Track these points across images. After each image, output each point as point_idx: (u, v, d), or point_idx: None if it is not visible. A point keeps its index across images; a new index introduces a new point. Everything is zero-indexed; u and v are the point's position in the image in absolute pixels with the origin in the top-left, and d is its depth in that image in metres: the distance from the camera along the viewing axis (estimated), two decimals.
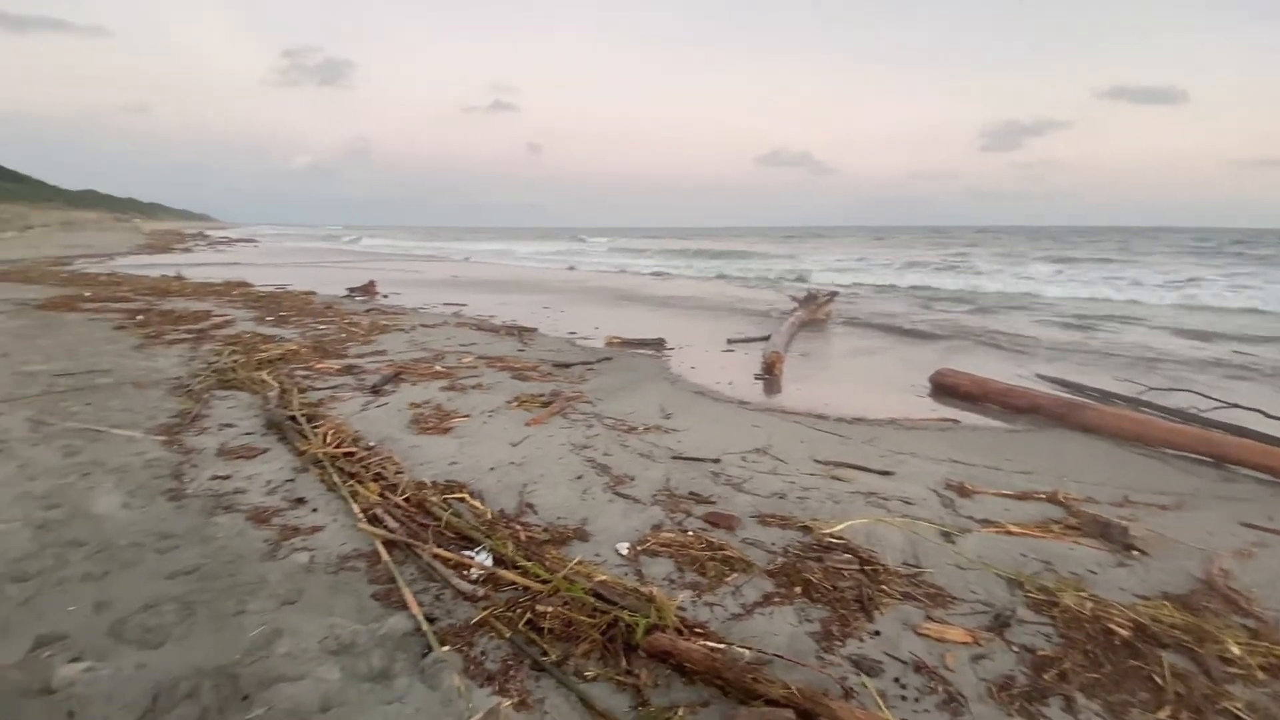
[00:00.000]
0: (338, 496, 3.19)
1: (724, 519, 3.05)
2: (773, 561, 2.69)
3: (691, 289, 17.21)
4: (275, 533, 2.82)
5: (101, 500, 3.06)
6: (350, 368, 6.11)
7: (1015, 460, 4.25)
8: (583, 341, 8.49)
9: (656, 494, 3.40)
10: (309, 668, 1.94)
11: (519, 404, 5.08)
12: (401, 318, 9.71)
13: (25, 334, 7.26)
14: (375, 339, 7.72)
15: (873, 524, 3.03)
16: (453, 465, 3.74)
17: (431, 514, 3.01)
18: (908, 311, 12.76)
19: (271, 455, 3.76)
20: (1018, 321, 11.46)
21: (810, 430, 4.73)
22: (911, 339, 9.57)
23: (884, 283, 18.47)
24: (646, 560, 2.70)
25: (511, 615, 2.23)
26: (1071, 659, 2.11)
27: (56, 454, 3.62)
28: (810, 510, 3.21)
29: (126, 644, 2.05)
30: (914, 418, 5.27)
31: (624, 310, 12.38)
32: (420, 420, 4.56)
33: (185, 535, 2.75)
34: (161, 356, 6.32)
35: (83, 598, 2.29)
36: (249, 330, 7.93)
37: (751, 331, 9.36)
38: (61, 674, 1.90)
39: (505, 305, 12.12)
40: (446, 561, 2.59)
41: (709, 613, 2.33)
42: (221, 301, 10.75)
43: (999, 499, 3.54)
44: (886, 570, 2.66)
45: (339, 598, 2.35)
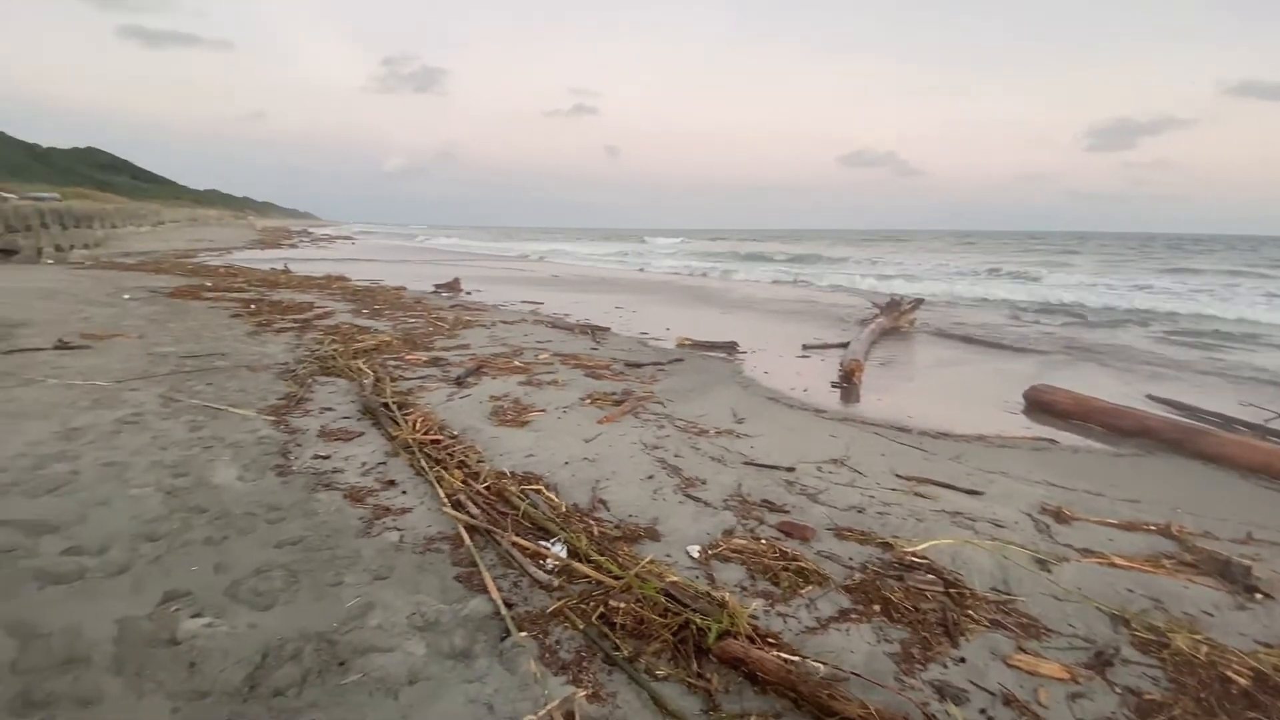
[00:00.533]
0: (425, 481, 3.37)
1: (798, 529, 2.99)
2: (850, 577, 2.61)
3: (764, 292, 16.94)
4: (369, 511, 3.01)
5: (220, 472, 3.37)
6: (436, 360, 6.42)
7: (1121, 487, 3.93)
8: (654, 342, 8.54)
9: (728, 499, 3.37)
10: (398, 641, 2.07)
11: (592, 401, 5.18)
12: (483, 314, 10.11)
13: (157, 319, 8.08)
14: (459, 333, 8.07)
15: (959, 545, 2.89)
16: (529, 458, 3.86)
17: (510, 503, 3.12)
18: (998, 322, 12.03)
19: (366, 439, 4.01)
20: (1124, 336, 10.57)
21: (891, 443, 4.54)
22: (1002, 351, 9.01)
23: (972, 290, 17.45)
24: (718, 565, 2.68)
25: (585, 608, 2.28)
26: (1182, 705, 1.93)
27: (183, 428, 4.02)
28: (890, 527, 3.09)
29: (240, 604, 2.25)
30: (1006, 435, 4.96)
31: (694, 311, 12.35)
32: (500, 413, 4.74)
33: (291, 508, 2.99)
34: (271, 343, 6.88)
35: (204, 559, 2.53)
36: (347, 321, 8.49)
37: (828, 337, 9.10)
38: (185, 627, 2.11)
39: (579, 304, 12.37)
40: (524, 550, 2.68)
41: (782, 623, 2.29)
42: (322, 294, 11.57)
43: (1102, 527, 3.28)
44: (973, 595, 2.52)
45: (425, 577, 2.48)
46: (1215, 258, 32.06)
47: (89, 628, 2.07)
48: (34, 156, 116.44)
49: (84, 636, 2.03)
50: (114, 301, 9.47)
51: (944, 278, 21.02)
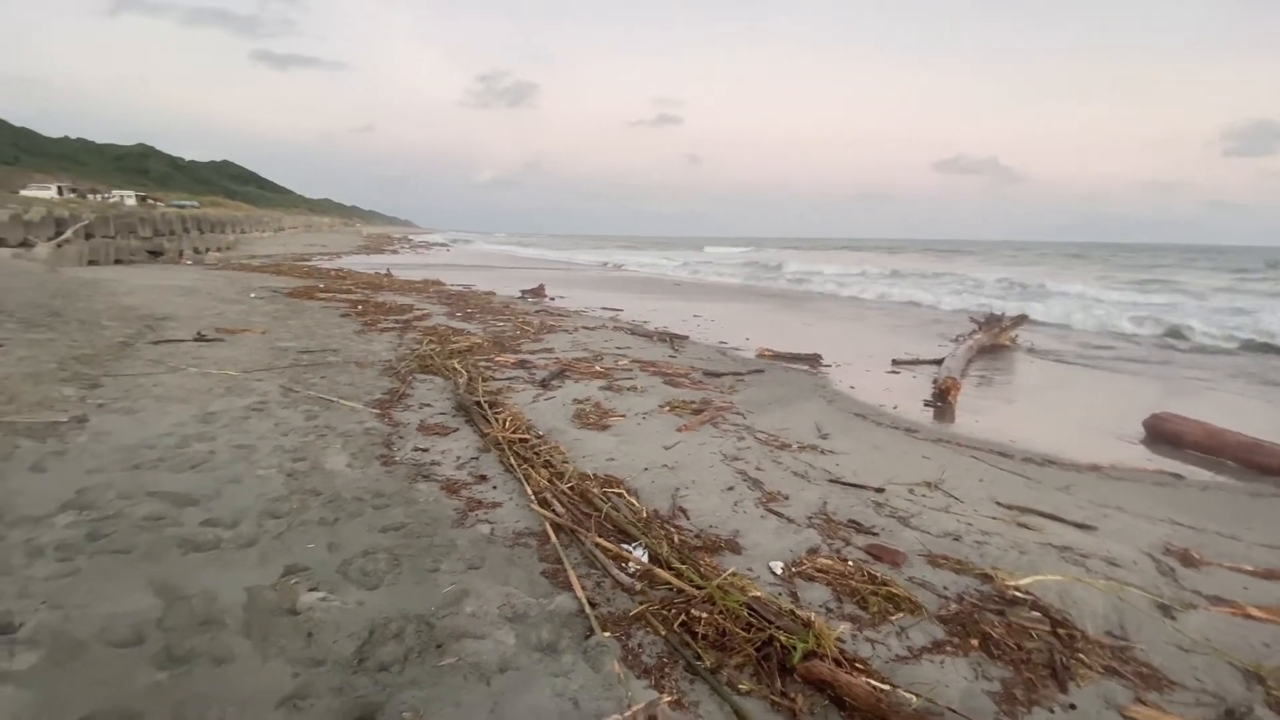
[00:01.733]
0: (513, 478, 3.51)
1: (888, 553, 2.87)
2: (945, 607, 2.48)
3: (842, 305, 16.38)
4: (463, 503, 3.17)
5: (332, 459, 3.65)
6: (523, 362, 6.67)
7: (1259, 530, 3.51)
8: (732, 351, 8.46)
9: (812, 516, 3.29)
10: (490, 629, 2.17)
11: (670, 409, 5.20)
12: (565, 319, 10.39)
13: (278, 316, 8.88)
14: (543, 337, 8.34)
15: (1068, 583, 2.68)
16: (610, 461, 3.94)
17: (593, 504, 3.20)
18: (1112, 341, 11.03)
19: (460, 435, 4.23)
20: (1250, 364, 9.38)
21: (991, 468, 4.27)
22: (1118, 373, 8.27)
23: (1083, 307, 16.06)
24: (801, 583, 2.63)
25: (666, 614, 2.30)
26: None
27: (301, 416, 4.39)
28: (990, 558, 2.91)
29: (350, 582, 2.43)
30: (1123, 466, 4.55)
31: (774, 321, 12.13)
32: (582, 416, 4.85)
33: (393, 496, 3.20)
34: (376, 341, 7.40)
35: (319, 538, 2.75)
36: (442, 323, 8.98)
37: (920, 353, 8.68)
38: (304, 599, 2.31)
39: (655, 312, 12.44)
40: (606, 551, 2.73)
41: (870, 649, 2.21)
42: (420, 297, 12.30)
43: (1236, 574, 2.95)
44: (1085, 638, 2.33)
45: (514, 570, 2.59)
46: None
47: (223, 593, 2.30)
48: (178, 169, 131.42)
49: (219, 601, 2.26)
50: (242, 299, 10.50)
51: (1045, 294, 19.46)
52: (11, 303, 7.95)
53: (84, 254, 16.09)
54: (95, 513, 2.84)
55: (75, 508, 2.88)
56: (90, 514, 2.83)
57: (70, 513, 2.83)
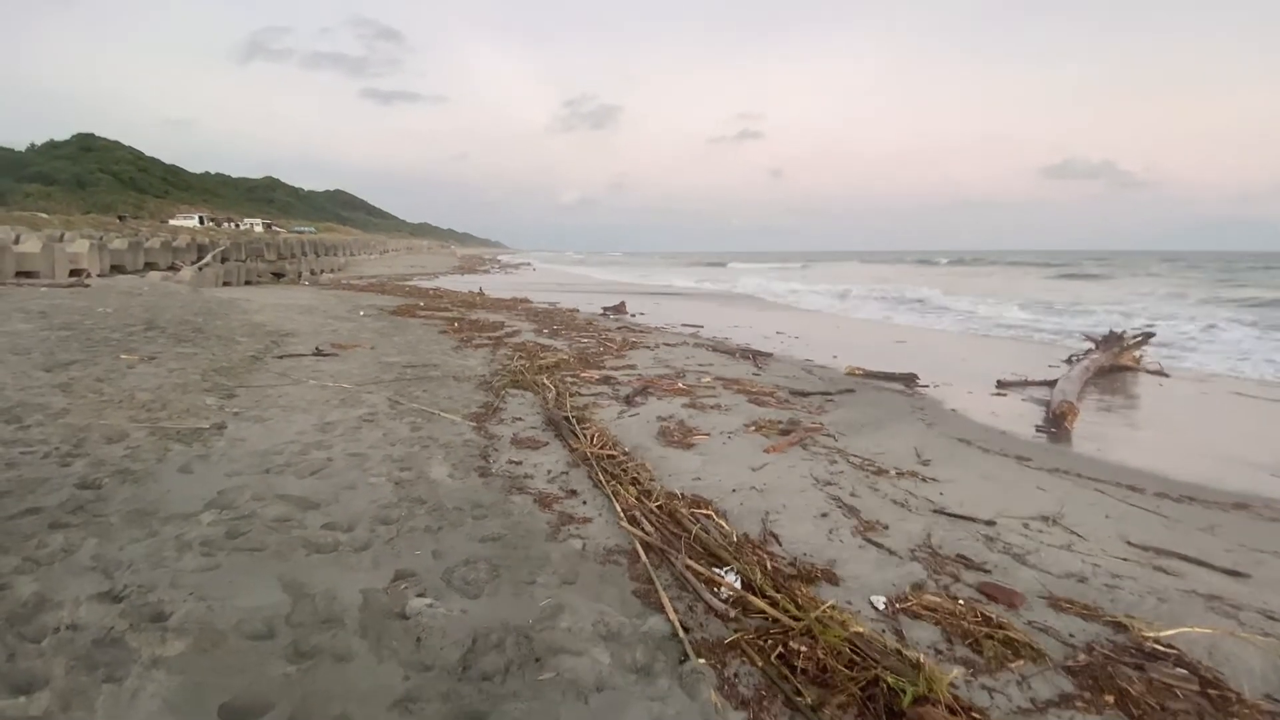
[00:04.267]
0: (602, 494, 3.56)
1: (1004, 593, 2.66)
2: (1072, 656, 2.26)
3: (935, 320, 15.48)
4: (555, 517, 3.25)
5: (435, 469, 3.86)
6: (607, 378, 6.78)
7: None
8: (820, 369, 8.21)
9: (915, 549, 3.11)
10: (585, 646, 2.19)
11: (756, 429, 5.10)
12: (646, 335, 10.49)
13: (384, 333, 9.53)
14: (626, 354, 8.45)
15: (1219, 636, 2.37)
16: (696, 480, 3.91)
17: (682, 525, 3.18)
18: (1251, 363, 9.75)
19: (550, 449, 4.35)
20: None
21: (1119, 503, 3.87)
22: (1262, 398, 7.30)
23: (1217, 323, 14.31)
24: (907, 621, 2.48)
25: (763, 645, 2.23)
26: None
27: (406, 428, 4.67)
28: (1123, 604, 2.63)
29: (454, 590, 2.54)
30: (1276, 506, 4.00)
31: (859, 338, 11.66)
32: (666, 433, 4.86)
33: (491, 507, 3.33)
34: (471, 357, 7.78)
35: (424, 546, 2.90)
36: (531, 340, 9.32)
37: (1029, 373, 8.06)
38: (412, 604, 2.43)
39: (737, 329, 12.29)
40: (698, 574, 2.70)
41: (988, 698, 2.05)
42: (510, 314, 12.83)
43: None
44: (1240, 700, 2.05)
45: (606, 588, 2.61)
46: None
47: (342, 594, 2.47)
48: (298, 198, 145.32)
49: (339, 600, 2.43)
50: (352, 316, 11.36)
51: (1173, 311, 17.51)
52: (163, 320, 9.02)
53: (220, 276, 18.02)
54: (233, 512, 3.14)
55: (217, 507, 3.20)
56: (229, 513, 3.13)
57: (212, 511, 3.14)
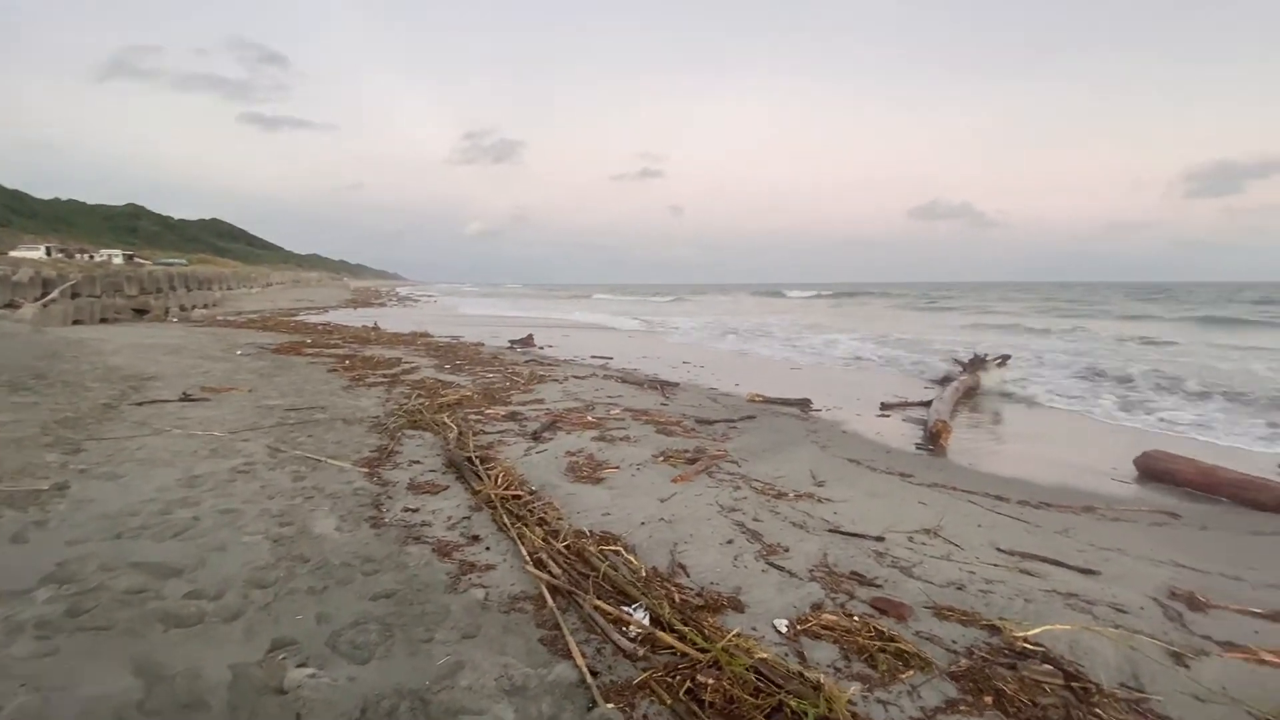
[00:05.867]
0: (507, 537, 3.43)
1: (894, 606, 2.81)
2: (955, 662, 2.42)
3: (829, 348, 16.53)
4: (456, 566, 3.08)
5: (320, 522, 3.56)
6: (514, 414, 6.62)
7: (1263, 570, 3.50)
8: (723, 397, 8.48)
9: (814, 569, 3.23)
10: (487, 704, 2.07)
11: (665, 459, 5.15)
12: (555, 368, 10.39)
13: (265, 373, 8.79)
14: (534, 388, 8.31)
15: (1078, 632, 2.62)
16: (605, 516, 3.86)
17: (590, 563, 3.12)
18: (1093, 382, 11.16)
19: (451, 493, 4.15)
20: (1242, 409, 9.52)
21: (989, 513, 4.25)
22: (1104, 412, 8.35)
23: (1050, 345, 16.32)
24: (808, 642, 2.55)
25: (671, 681, 2.21)
26: None
27: (288, 478, 4.29)
28: (996, 607, 2.86)
29: (341, 656, 2.33)
30: (1119, 507, 4.55)
31: (757, 367, 12.19)
32: (575, 469, 4.79)
33: (384, 561, 3.11)
34: (364, 397, 7.32)
35: (307, 609, 2.65)
36: (430, 376, 8.93)
37: (907, 395, 8.74)
38: (291, 676, 2.20)
39: (646, 360, 12.51)
40: (606, 614, 2.65)
41: (883, 711, 2.14)
42: (409, 350, 12.27)
43: (1244, 617, 2.92)
44: (1100, 691, 2.27)
45: (510, 638, 2.50)
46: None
47: (208, 672, 2.19)
48: (168, 227, 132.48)
49: (203, 680, 2.15)
50: (228, 356, 10.40)
51: (1025, 333, 19.78)
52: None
53: (69, 313, 15.98)
54: (76, 586, 2.72)
55: (55, 581, 2.76)
56: (70, 588, 2.71)
57: (50, 587, 2.71)
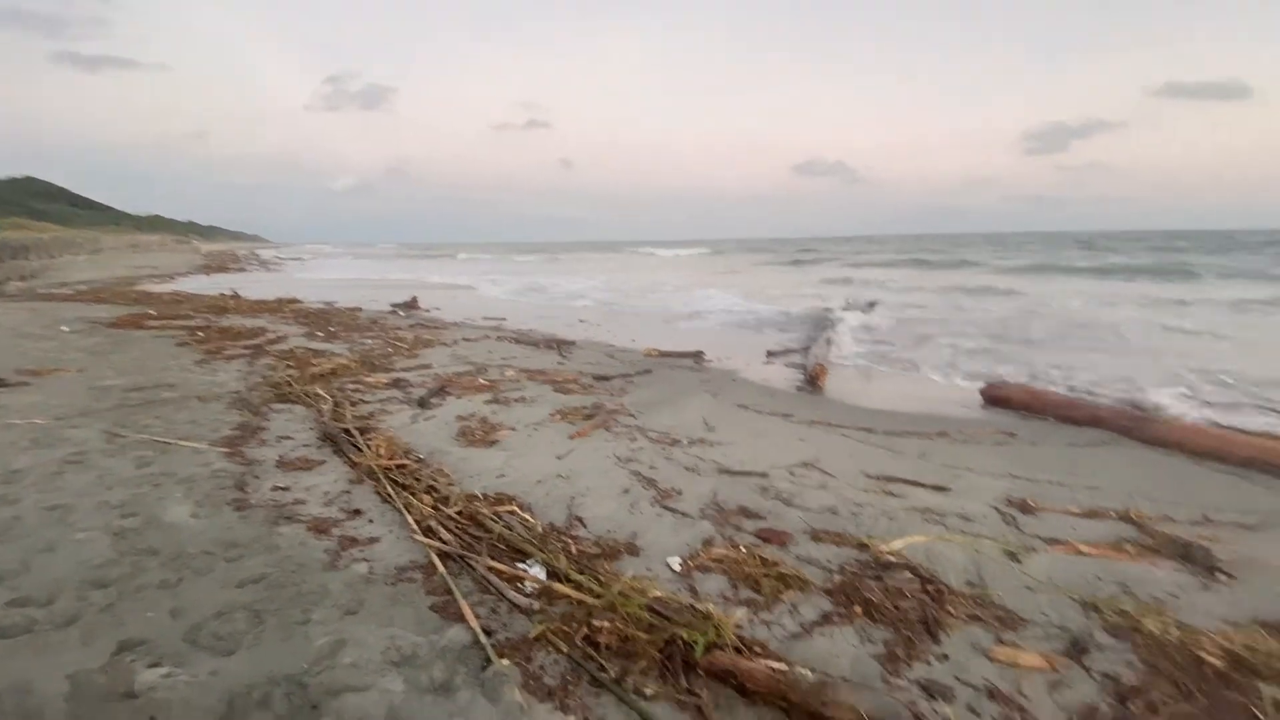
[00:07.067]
0: (392, 508, 3.26)
1: (776, 535, 3.00)
2: (829, 579, 2.62)
3: (717, 302, 17.10)
4: (335, 543, 2.89)
5: (173, 510, 3.19)
6: (398, 381, 6.26)
7: (1080, 476, 4.07)
8: (620, 353, 8.53)
9: (705, 508, 3.36)
10: (374, 679, 1.97)
11: (562, 417, 5.12)
12: (443, 332, 9.94)
13: (99, 351, 7.66)
14: (420, 353, 7.90)
15: (932, 542, 2.94)
16: (500, 478, 3.78)
17: (484, 526, 3.04)
18: (944, 318, 12.37)
19: (328, 467, 3.86)
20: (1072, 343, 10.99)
21: (859, 444, 4.62)
22: (954, 350, 9.29)
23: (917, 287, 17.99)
24: (700, 576, 2.66)
25: (568, 630, 2.22)
26: (1159, 689, 1.98)
27: (130, 465, 3.80)
28: (864, 527, 3.13)
29: (201, 650, 2.12)
30: (967, 431, 5.10)
31: (650, 323, 12.40)
32: (467, 433, 4.63)
33: (251, 544, 2.85)
34: (221, 371, 6.60)
35: (159, 604, 2.38)
36: (301, 345, 8.21)
37: (790, 342, 9.25)
38: (142, 679, 1.97)
39: (542, 320, 12.31)
40: (501, 574, 2.61)
41: (767, 631, 2.28)
42: (274, 318, 11.18)
43: (1065, 516, 3.39)
44: (950, 591, 2.56)
45: (398, 609, 2.39)
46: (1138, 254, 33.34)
47: (40, 685, 1.91)
48: None
49: (35, 694, 1.88)
50: (52, 334, 8.95)
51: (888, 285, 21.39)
52: None
53: None
54: None
55: None
56: None
57: None
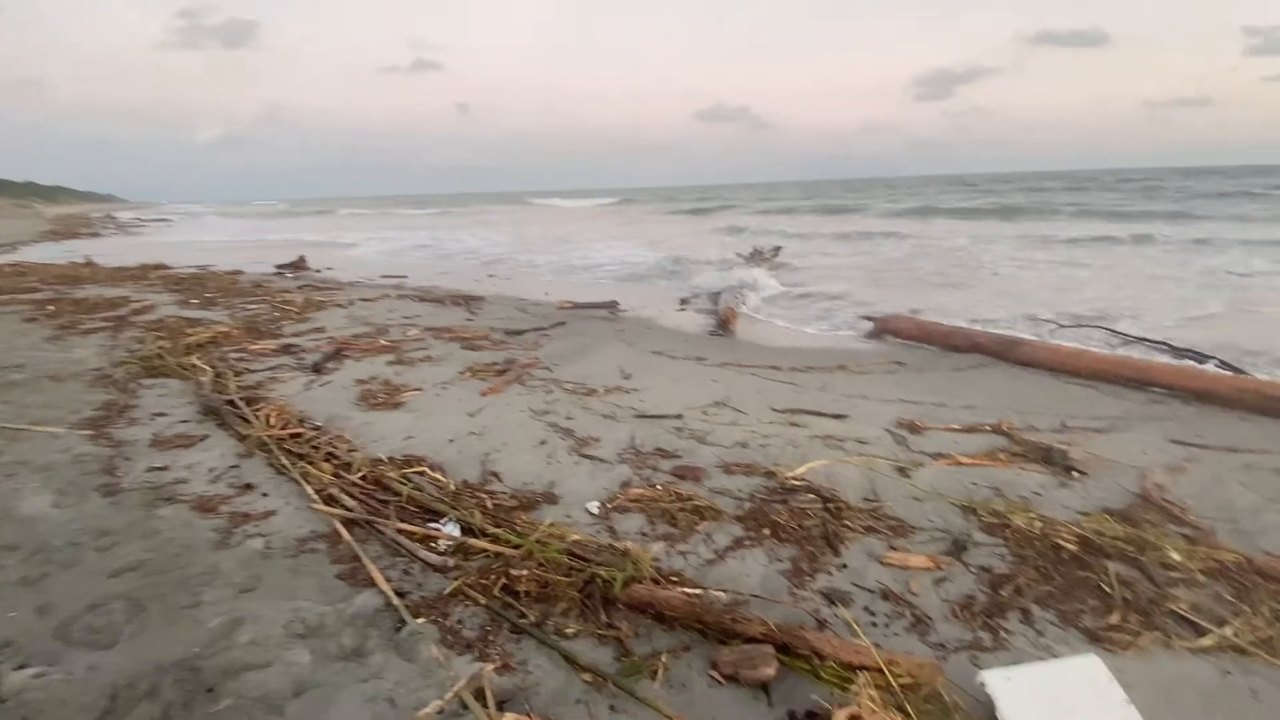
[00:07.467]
0: (289, 479, 3.06)
1: (691, 471, 3.08)
2: (740, 507, 2.75)
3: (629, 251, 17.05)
4: (225, 521, 2.68)
5: (30, 501, 2.83)
6: (288, 347, 5.82)
7: (960, 396, 4.45)
8: (533, 307, 8.35)
9: (623, 453, 3.40)
10: (276, 653, 1.87)
11: (472, 374, 4.97)
12: (338, 293, 9.32)
13: None
14: (312, 316, 7.38)
15: (832, 464, 3.13)
16: (408, 440, 3.64)
17: (391, 490, 2.92)
18: (842, 260, 13.00)
19: (211, 442, 3.56)
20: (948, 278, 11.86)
21: (766, 381, 4.81)
22: (851, 288, 9.79)
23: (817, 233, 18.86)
24: (618, 517, 2.71)
25: (486, 582, 2.20)
26: (1025, 575, 2.24)
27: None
28: (772, 456, 3.28)
29: (76, 646, 1.92)
30: (863, 363, 5.43)
31: (564, 274, 12.20)
32: (369, 396, 4.41)
33: (125, 531, 2.59)
34: (79, 347, 5.84)
35: (23, 603, 2.12)
36: (173, 314, 7.42)
37: (700, 289, 9.39)
38: (9, 681, 1.77)
39: (446, 275, 11.81)
40: (412, 535, 2.53)
41: (683, 561, 2.36)
42: (140, 286, 10.00)
43: (948, 433, 3.70)
44: (849, 507, 2.75)
45: (301, 580, 2.27)
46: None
47: None
48: None
49: None
50: None
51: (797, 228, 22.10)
52: None
53: None
54: None
55: None
56: None
57: None
